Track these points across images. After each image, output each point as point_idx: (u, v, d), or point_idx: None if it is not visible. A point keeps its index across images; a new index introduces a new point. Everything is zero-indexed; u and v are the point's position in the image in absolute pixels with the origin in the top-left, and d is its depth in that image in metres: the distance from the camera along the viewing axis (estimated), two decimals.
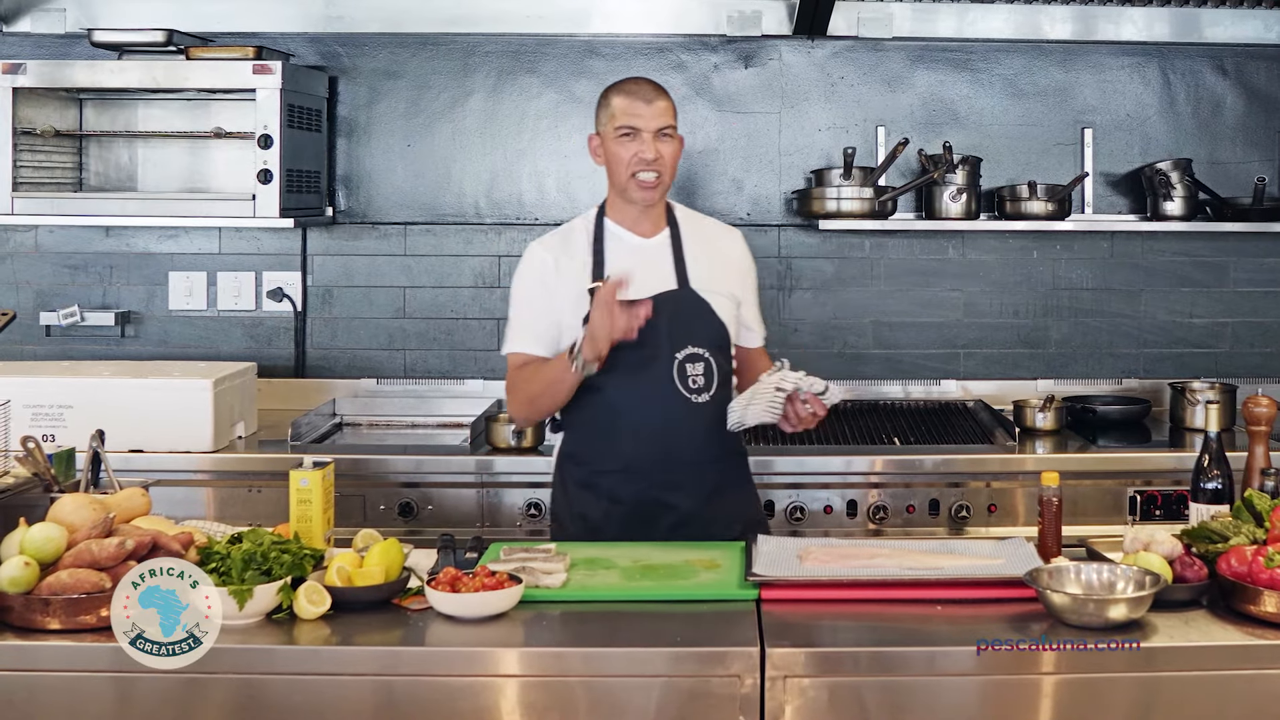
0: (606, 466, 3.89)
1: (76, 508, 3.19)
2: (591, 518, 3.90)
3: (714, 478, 3.89)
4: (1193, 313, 5.79)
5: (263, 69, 5.09)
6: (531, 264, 3.98)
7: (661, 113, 3.85)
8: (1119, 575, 3.11)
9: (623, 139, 3.85)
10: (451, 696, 2.89)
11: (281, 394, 5.61)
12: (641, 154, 3.82)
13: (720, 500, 3.90)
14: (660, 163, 3.84)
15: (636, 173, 3.84)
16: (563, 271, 3.90)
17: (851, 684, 2.89)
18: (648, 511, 3.84)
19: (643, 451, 3.84)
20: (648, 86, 3.90)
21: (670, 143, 3.87)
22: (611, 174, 3.91)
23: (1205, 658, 2.93)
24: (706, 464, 3.87)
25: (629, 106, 3.85)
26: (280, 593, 3.00)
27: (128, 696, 2.91)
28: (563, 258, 3.93)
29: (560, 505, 4.02)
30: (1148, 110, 5.74)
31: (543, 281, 3.92)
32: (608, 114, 3.89)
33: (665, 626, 3.01)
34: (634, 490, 3.85)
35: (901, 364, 5.78)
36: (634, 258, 3.87)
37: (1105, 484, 4.86)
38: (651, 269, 3.87)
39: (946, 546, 3.48)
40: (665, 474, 3.85)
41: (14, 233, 5.70)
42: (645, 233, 3.95)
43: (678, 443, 3.83)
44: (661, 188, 3.88)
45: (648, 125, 3.83)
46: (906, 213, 5.66)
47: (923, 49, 5.70)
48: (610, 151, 3.88)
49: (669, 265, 3.91)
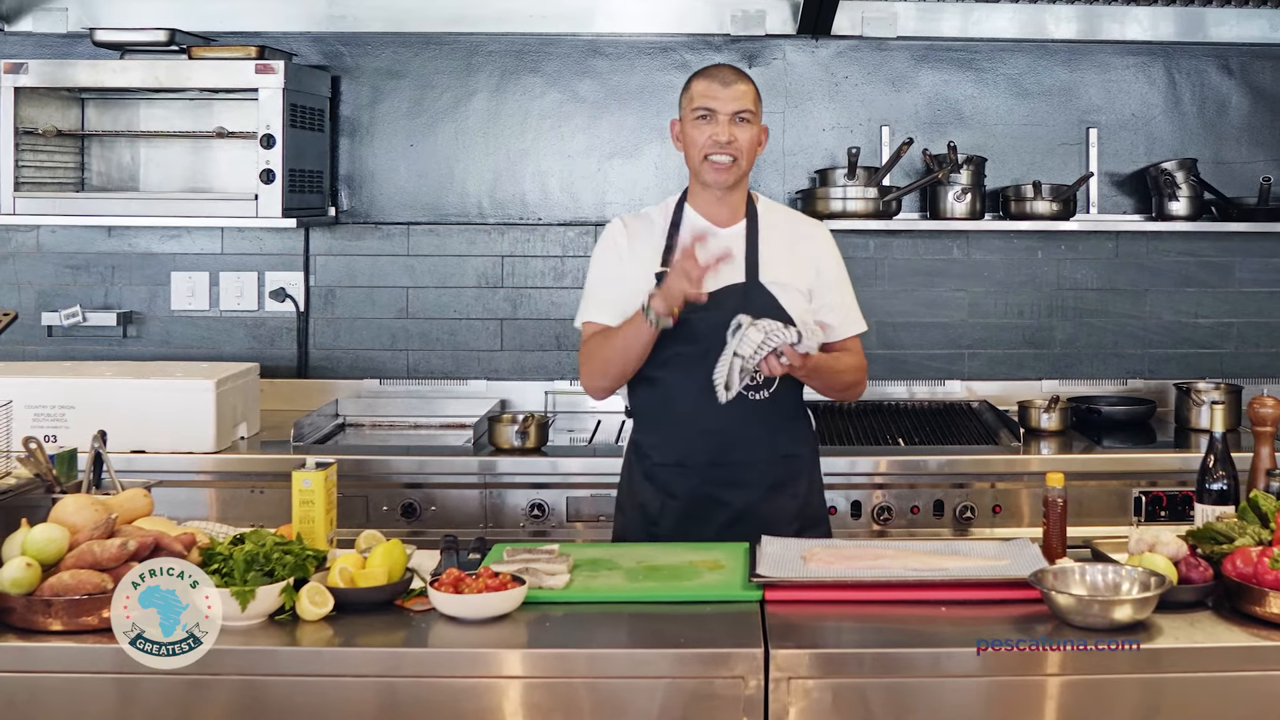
0: (663, 459, 3.90)
1: (78, 509, 3.18)
2: (650, 509, 3.91)
3: (770, 475, 3.87)
4: (1198, 313, 5.78)
5: (265, 68, 5.08)
6: (609, 237, 3.98)
7: (739, 96, 3.84)
8: (1124, 576, 3.09)
9: (698, 121, 3.84)
10: (454, 698, 2.88)
11: (284, 394, 5.61)
12: (715, 136, 3.81)
13: (777, 498, 3.88)
14: (735, 146, 3.82)
15: (710, 155, 3.83)
16: (636, 249, 3.90)
17: (856, 685, 2.88)
18: (701, 508, 3.85)
19: (697, 446, 3.84)
20: (728, 71, 3.90)
21: (747, 128, 3.84)
22: (688, 157, 3.90)
23: (1210, 659, 2.92)
24: (762, 462, 3.85)
25: (706, 89, 3.85)
26: (283, 594, 2.99)
27: (130, 698, 2.90)
28: (638, 237, 3.93)
29: (624, 494, 4.03)
30: (1153, 110, 5.73)
31: (617, 254, 3.92)
32: (687, 97, 3.90)
33: (669, 628, 3.00)
34: (689, 485, 3.86)
35: (906, 364, 5.77)
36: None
37: (1110, 485, 4.84)
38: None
39: (951, 548, 3.47)
40: (720, 470, 3.85)
41: (16, 233, 5.69)
42: (722, 221, 3.92)
43: (733, 439, 3.82)
44: (736, 171, 3.85)
45: (724, 107, 3.82)
46: (911, 213, 5.65)
47: (927, 48, 5.70)
48: (687, 134, 3.88)
49: (741, 257, 3.86)
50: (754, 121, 3.87)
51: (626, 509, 4.00)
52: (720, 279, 3.74)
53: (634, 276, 3.85)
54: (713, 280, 3.68)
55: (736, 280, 3.83)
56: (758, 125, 3.89)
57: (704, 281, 3.58)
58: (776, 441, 3.90)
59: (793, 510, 3.91)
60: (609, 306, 3.88)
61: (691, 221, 3.92)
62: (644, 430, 3.97)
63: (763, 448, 3.87)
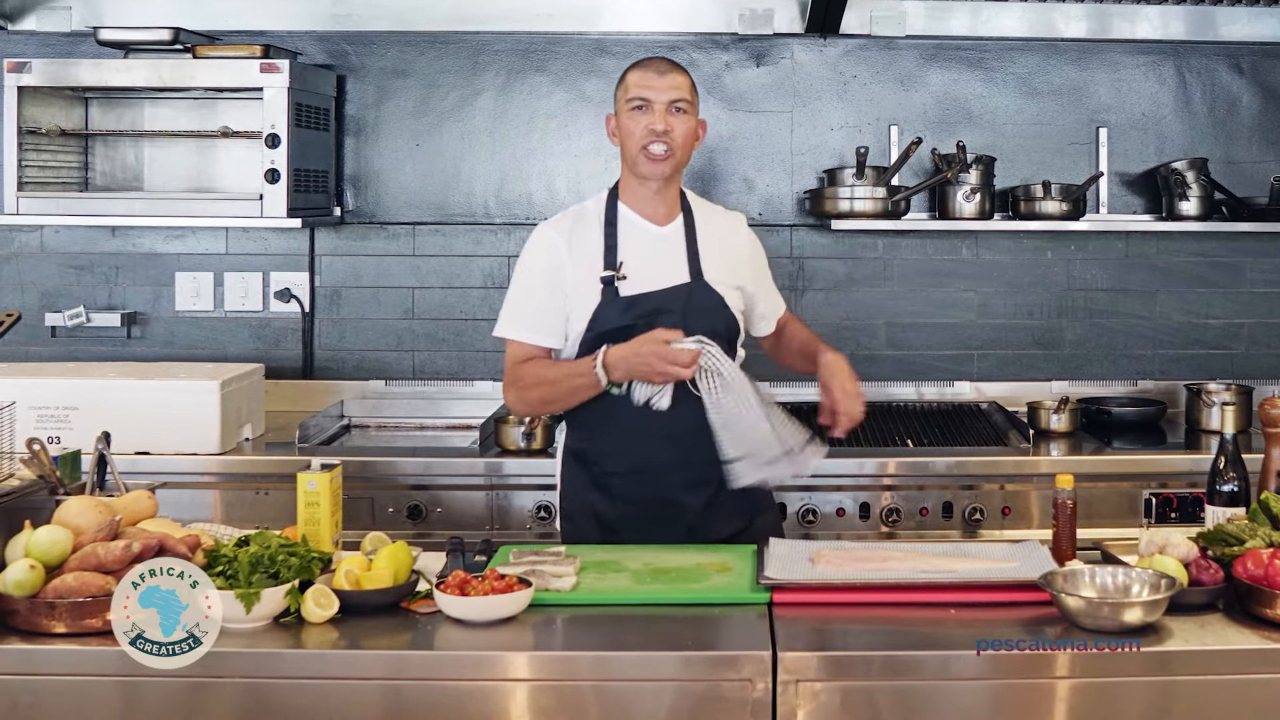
0: (616, 468, 3.85)
1: (82, 510, 3.18)
2: (606, 517, 3.86)
3: (721, 475, 3.77)
4: (1208, 313, 5.76)
5: (270, 68, 5.06)
6: (540, 246, 3.89)
7: (674, 86, 3.82)
8: (1134, 579, 3.09)
9: (634, 112, 3.81)
10: (460, 701, 2.88)
11: (289, 395, 5.60)
12: (652, 125, 3.78)
13: (728, 498, 3.83)
14: (670, 136, 3.79)
15: (646, 145, 3.79)
16: (574, 255, 3.83)
17: (864, 688, 2.88)
18: (662, 512, 3.81)
19: (657, 453, 3.80)
20: (663, 62, 3.88)
21: (683, 118, 3.82)
22: (624, 149, 3.86)
23: (1221, 662, 2.92)
24: (716, 462, 3.77)
25: (641, 79, 3.83)
26: (288, 596, 2.99)
27: (134, 701, 2.90)
28: (573, 240, 3.86)
29: (572, 503, 3.96)
30: (1163, 109, 5.71)
31: (552, 266, 3.84)
32: (622, 89, 3.87)
33: (676, 630, 3.00)
34: (647, 491, 3.82)
35: (914, 365, 5.75)
36: (646, 246, 3.85)
37: (1120, 486, 4.82)
38: (664, 259, 3.84)
39: (960, 549, 3.48)
40: (677, 473, 3.82)
41: (19, 233, 5.67)
42: (659, 220, 3.90)
43: (688, 441, 3.76)
44: (672, 162, 3.82)
45: (659, 97, 3.79)
46: (920, 213, 5.63)
47: (936, 47, 5.68)
48: (622, 126, 3.85)
49: (682, 256, 3.86)
50: (690, 113, 3.85)
51: (576, 518, 3.93)
52: (663, 277, 3.78)
53: (572, 283, 3.81)
54: (657, 278, 3.74)
55: (681, 279, 3.83)
56: (694, 117, 3.87)
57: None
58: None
59: (741, 509, 3.89)
60: (543, 329, 3.84)
61: (628, 220, 3.89)
62: (587, 438, 3.90)
63: (714, 445, 3.72)
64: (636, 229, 3.87)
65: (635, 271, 3.80)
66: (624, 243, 3.84)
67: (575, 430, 3.94)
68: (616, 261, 3.79)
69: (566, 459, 3.98)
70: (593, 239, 3.85)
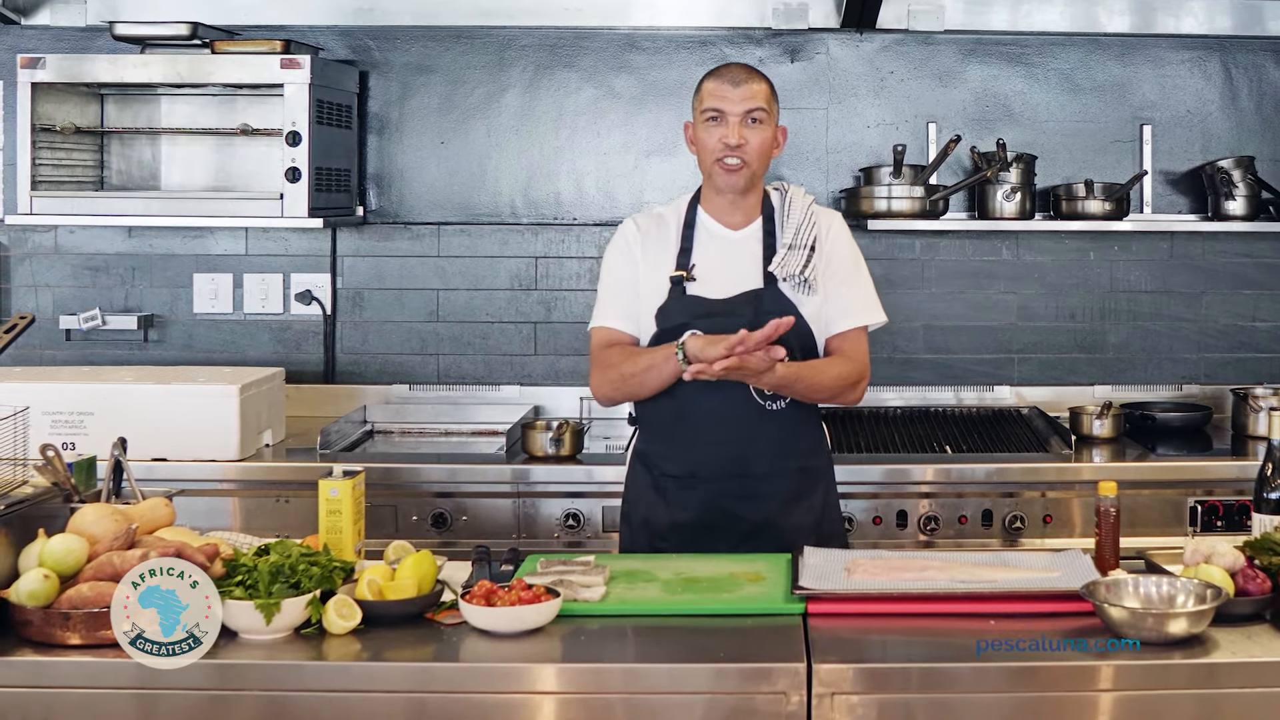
0: (674, 471, 3.85)
1: (98, 519, 3.15)
2: (656, 524, 3.86)
3: (786, 488, 3.81)
4: (1255, 316, 5.71)
5: (291, 63, 5.05)
6: (617, 238, 3.97)
7: (749, 96, 3.80)
8: (1179, 588, 3.07)
9: (709, 123, 3.82)
10: (486, 714, 2.86)
11: (310, 400, 5.57)
12: (725, 138, 3.78)
13: (793, 512, 3.83)
14: (745, 149, 3.79)
15: (721, 158, 3.79)
16: (648, 251, 3.88)
17: (901, 701, 2.86)
18: (715, 521, 3.80)
19: (710, 459, 3.79)
20: (738, 69, 3.87)
21: (760, 129, 3.81)
22: (700, 160, 3.89)
23: (1268, 674, 2.88)
24: (779, 474, 3.80)
25: (716, 89, 3.82)
26: (309, 606, 2.99)
27: (150, 714, 2.88)
28: (650, 238, 3.91)
29: (629, 505, 3.99)
30: (1209, 106, 5.65)
31: (629, 255, 3.90)
32: (697, 98, 3.88)
33: (708, 641, 2.98)
34: (701, 498, 3.81)
35: (953, 369, 5.70)
36: (720, 250, 3.86)
37: (1165, 494, 4.79)
38: (737, 264, 3.84)
39: (1000, 559, 3.47)
40: (734, 483, 3.80)
41: (33, 233, 5.65)
42: (735, 224, 3.90)
43: (748, 451, 3.77)
44: (747, 174, 3.82)
45: (734, 109, 3.78)
46: (958, 212, 5.60)
47: (975, 42, 5.64)
48: (698, 137, 3.87)
49: (756, 261, 3.84)
50: (767, 122, 3.83)
51: (633, 521, 3.97)
52: (736, 283, 3.78)
53: (648, 279, 3.86)
54: (730, 285, 3.75)
55: (753, 285, 3.81)
56: (772, 126, 3.86)
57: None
58: (793, 452, 3.85)
59: (809, 524, 3.86)
60: (624, 314, 3.88)
61: (705, 225, 3.90)
62: (652, 440, 3.92)
63: (780, 459, 3.82)
64: (711, 234, 3.90)
65: (707, 274, 3.83)
66: (699, 246, 3.87)
67: (643, 429, 3.95)
68: (689, 263, 3.83)
69: (633, 461, 4.01)
70: (670, 239, 3.90)
